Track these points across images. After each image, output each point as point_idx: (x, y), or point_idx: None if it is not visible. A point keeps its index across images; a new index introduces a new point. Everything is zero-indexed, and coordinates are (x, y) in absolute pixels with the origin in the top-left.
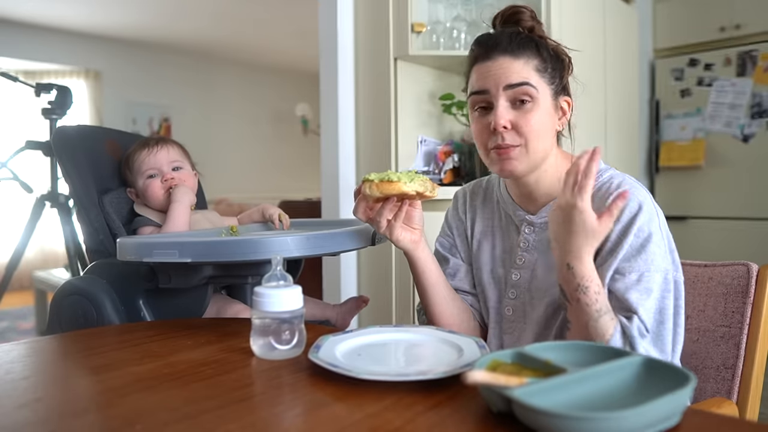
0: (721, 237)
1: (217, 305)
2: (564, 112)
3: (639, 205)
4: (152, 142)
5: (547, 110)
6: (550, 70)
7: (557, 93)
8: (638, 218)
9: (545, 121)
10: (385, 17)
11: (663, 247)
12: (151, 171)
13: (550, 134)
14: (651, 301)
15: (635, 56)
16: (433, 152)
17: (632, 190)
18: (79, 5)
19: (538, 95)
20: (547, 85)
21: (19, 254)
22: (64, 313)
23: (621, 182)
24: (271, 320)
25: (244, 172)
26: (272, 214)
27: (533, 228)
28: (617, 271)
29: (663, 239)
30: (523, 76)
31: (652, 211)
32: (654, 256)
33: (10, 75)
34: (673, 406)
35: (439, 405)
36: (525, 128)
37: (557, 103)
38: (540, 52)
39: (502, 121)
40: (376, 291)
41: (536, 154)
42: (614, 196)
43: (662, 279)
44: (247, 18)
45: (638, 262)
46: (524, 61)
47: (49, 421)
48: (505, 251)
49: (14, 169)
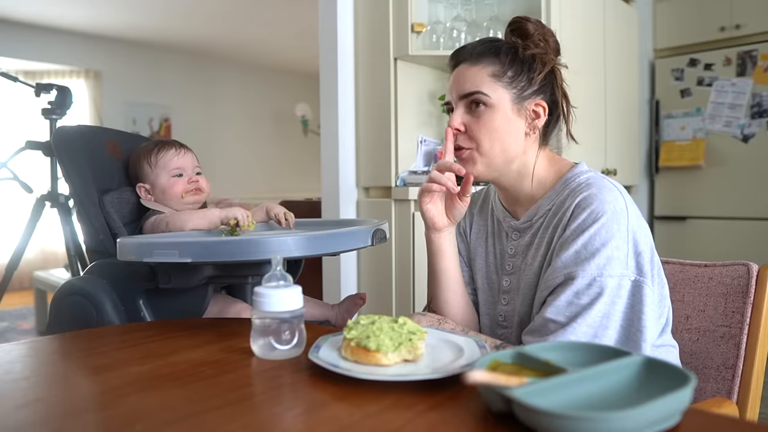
0: (721, 237)
1: (219, 305)
2: (537, 115)
3: (602, 207)
4: (177, 144)
5: (503, 115)
6: (510, 75)
7: (522, 97)
8: (598, 220)
9: (500, 126)
10: (385, 17)
11: (624, 252)
12: (178, 170)
13: (510, 138)
14: (599, 306)
15: (635, 56)
16: (433, 152)
17: (599, 191)
18: (79, 5)
19: (491, 101)
20: (504, 90)
21: (19, 254)
22: (64, 313)
23: (593, 183)
24: (271, 320)
25: (244, 172)
26: (277, 213)
27: (519, 233)
28: (568, 275)
29: (626, 243)
30: (476, 85)
31: (619, 214)
32: (609, 260)
33: (10, 75)
34: (673, 406)
35: (439, 405)
36: (476, 132)
37: (521, 107)
38: (499, 57)
39: (454, 123)
40: (376, 291)
41: (491, 157)
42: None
43: (616, 284)
44: (247, 18)
45: (591, 266)
46: (480, 67)
47: (49, 421)
48: (497, 258)
49: (14, 169)
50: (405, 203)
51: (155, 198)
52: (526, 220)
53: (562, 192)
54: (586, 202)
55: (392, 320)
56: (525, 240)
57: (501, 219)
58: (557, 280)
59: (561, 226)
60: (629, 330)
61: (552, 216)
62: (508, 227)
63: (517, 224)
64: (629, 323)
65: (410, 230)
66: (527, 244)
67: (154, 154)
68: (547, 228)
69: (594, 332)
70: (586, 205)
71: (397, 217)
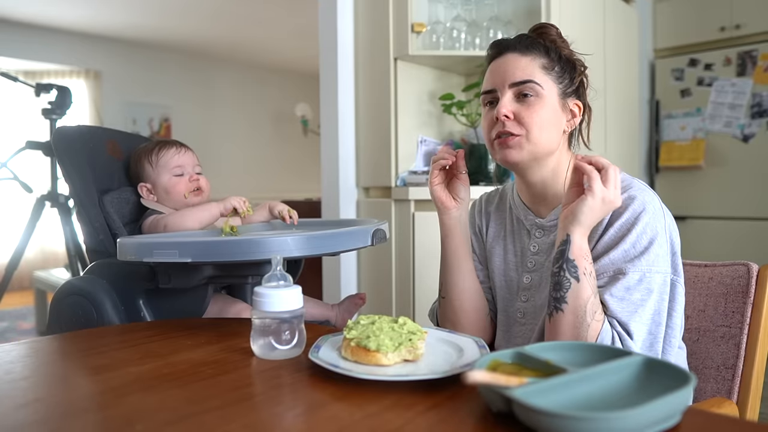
0: (721, 237)
1: (219, 305)
2: (574, 115)
3: (643, 205)
4: (178, 144)
5: (552, 107)
6: (557, 70)
7: (565, 94)
8: (641, 218)
9: (548, 116)
10: (385, 17)
11: (666, 250)
12: (179, 169)
13: (554, 130)
14: (650, 303)
15: (635, 56)
16: (433, 152)
17: (638, 192)
18: (79, 5)
19: (543, 91)
20: (553, 84)
21: (19, 254)
22: (64, 313)
23: (628, 185)
24: (271, 320)
25: (244, 172)
26: (281, 210)
27: (543, 231)
28: (617, 271)
29: (666, 242)
30: (528, 73)
31: (657, 213)
32: (656, 257)
33: (10, 75)
34: (673, 406)
35: (439, 405)
36: (527, 119)
37: (565, 104)
38: (548, 53)
39: (504, 110)
40: (376, 291)
41: (538, 146)
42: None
43: (662, 281)
44: (247, 18)
45: (641, 262)
46: (531, 58)
47: (49, 421)
48: (516, 255)
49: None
50: (405, 203)
51: (157, 197)
52: (553, 218)
53: None
54: (626, 203)
55: (392, 320)
56: (550, 238)
57: (522, 217)
58: (605, 276)
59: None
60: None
61: None
62: (531, 225)
63: (542, 222)
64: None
65: (410, 230)
66: (552, 242)
67: (155, 154)
68: None
69: (648, 329)
70: (626, 205)
71: (397, 217)
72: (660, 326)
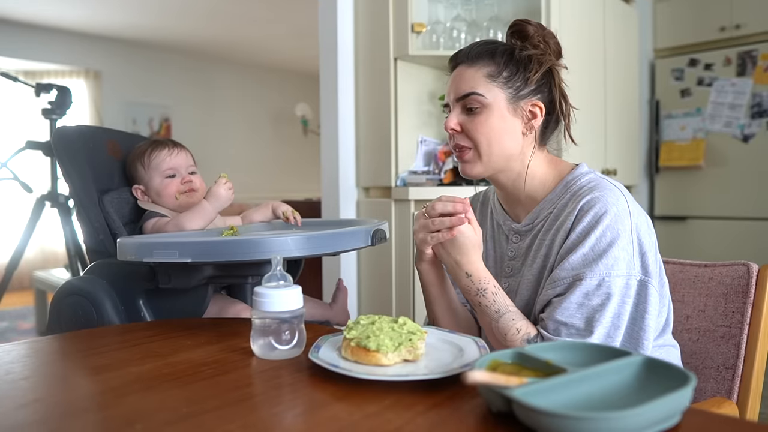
0: (721, 237)
1: (219, 305)
2: (534, 115)
3: (605, 207)
4: (170, 144)
5: (499, 115)
6: (505, 75)
7: (518, 97)
8: (602, 220)
9: (497, 125)
10: (385, 17)
11: (630, 251)
12: (171, 171)
13: (507, 137)
14: (610, 308)
15: (635, 56)
16: (433, 152)
17: (603, 193)
18: (79, 5)
19: (487, 101)
20: (500, 90)
21: (19, 254)
22: (64, 313)
23: (595, 186)
24: (271, 320)
25: (244, 172)
26: (285, 210)
27: (520, 236)
28: (576, 277)
29: (631, 243)
30: (471, 86)
31: (622, 213)
32: (616, 260)
33: (10, 75)
34: (673, 406)
35: (439, 405)
36: (472, 132)
37: (517, 107)
38: (495, 58)
39: (451, 123)
40: (376, 291)
41: (491, 157)
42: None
43: (624, 284)
44: (247, 18)
45: (599, 267)
46: (476, 69)
47: (49, 421)
48: (496, 261)
49: (14, 169)
50: (405, 203)
51: (151, 199)
52: (528, 223)
53: (564, 195)
54: (589, 205)
55: (392, 320)
56: (525, 243)
57: (501, 222)
58: (564, 281)
59: (564, 229)
60: (632, 329)
61: (554, 219)
62: (509, 230)
63: (518, 227)
64: (633, 322)
65: (410, 230)
66: (528, 246)
67: (146, 155)
68: (548, 231)
69: (607, 332)
70: (589, 207)
71: (397, 217)
72: (619, 329)
